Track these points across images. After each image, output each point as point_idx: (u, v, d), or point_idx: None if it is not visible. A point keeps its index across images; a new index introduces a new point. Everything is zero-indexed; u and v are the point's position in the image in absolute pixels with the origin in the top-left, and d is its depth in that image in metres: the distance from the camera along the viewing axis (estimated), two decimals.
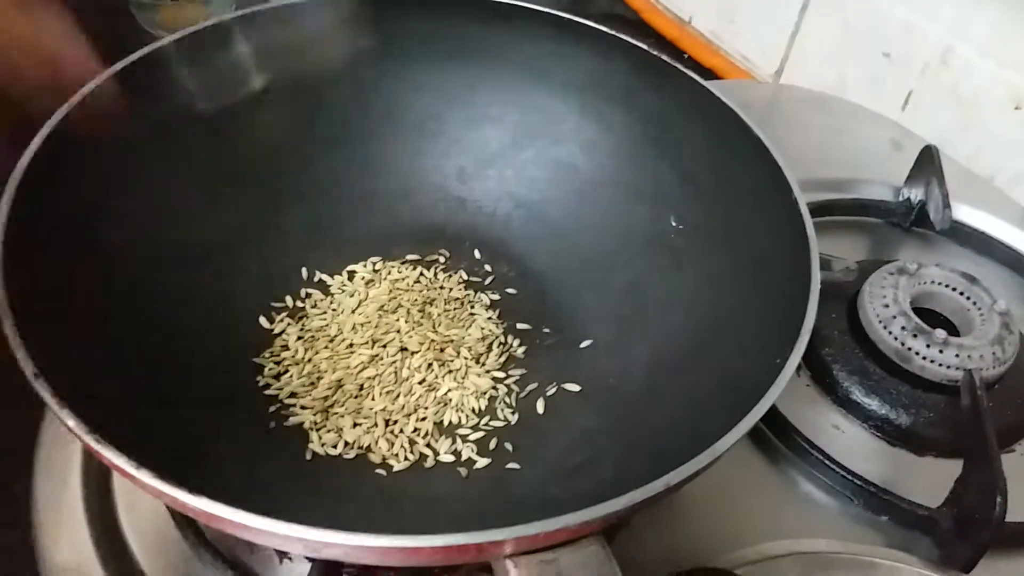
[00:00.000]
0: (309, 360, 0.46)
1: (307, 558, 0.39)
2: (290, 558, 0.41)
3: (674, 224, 0.48)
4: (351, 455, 0.42)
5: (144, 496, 0.29)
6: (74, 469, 0.44)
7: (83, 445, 0.30)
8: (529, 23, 0.51)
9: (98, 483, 0.44)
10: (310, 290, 0.50)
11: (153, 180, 0.45)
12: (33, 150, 0.38)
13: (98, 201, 0.41)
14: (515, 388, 0.46)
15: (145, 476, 0.28)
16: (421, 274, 0.51)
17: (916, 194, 0.62)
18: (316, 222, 0.52)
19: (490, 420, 0.45)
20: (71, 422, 0.30)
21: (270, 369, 0.45)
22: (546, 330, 0.49)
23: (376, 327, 0.47)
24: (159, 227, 0.45)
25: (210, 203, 0.47)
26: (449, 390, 0.45)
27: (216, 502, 0.28)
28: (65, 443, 0.45)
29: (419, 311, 0.49)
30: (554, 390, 0.46)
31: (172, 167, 0.46)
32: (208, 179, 0.48)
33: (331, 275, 0.50)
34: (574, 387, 0.46)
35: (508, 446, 0.43)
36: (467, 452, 0.43)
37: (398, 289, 0.50)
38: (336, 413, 0.44)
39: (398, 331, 0.47)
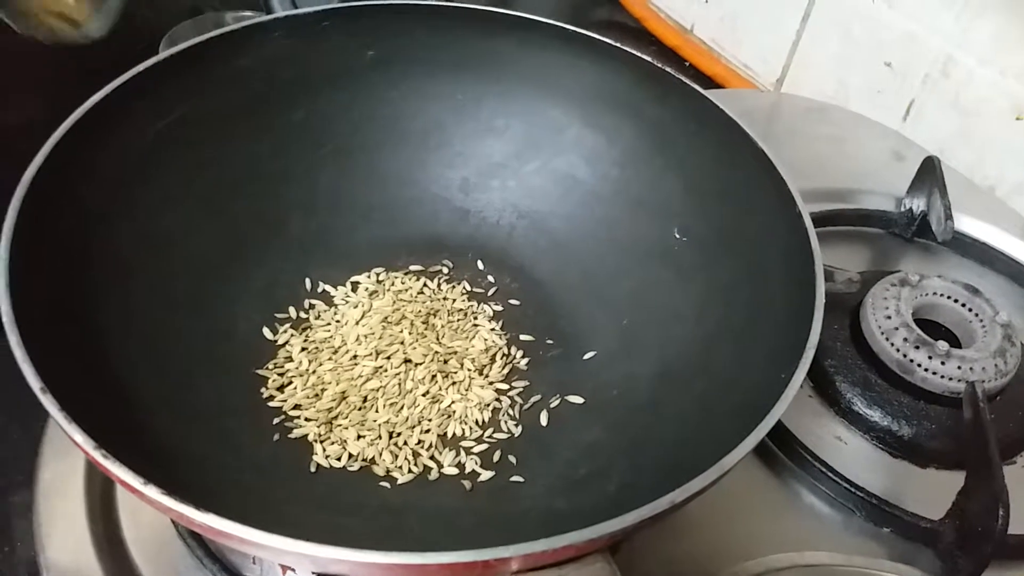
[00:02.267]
0: (313, 372, 0.46)
1: (312, 572, 0.39)
2: (294, 570, 0.41)
3: (677, 236, 0.48)
4: (355, 467, 0.42)
5: (147, 507, 0.29)
6: (77, 480, 0.44)
7: (88, 458, 0.30)
8: (533, 35, 0.51)
9: (101, 494, 0.44)
10: (313, 301, 0.50)
11: (156, 192, 0.45)
12: (36, 165, 0.38)
13: (101, 215, 0.42)
14: (518, 400, 0.46)
15: (152, 492, 0.29)
16: (424, 285, 0.51)
17: (918, 205, 0.62)
18: (319, 232, 0.52)
19: (494, 432, 0.45)
20: (78, 437, 0.30)
21: (273, 381, 0.45)
22: (549, 341, 0.49)
23: (380, 338, 0.47)
24: (162, 238, 0.45)
25: (214, 213, 0.48)
26: (453, 402, 0.45)
27: (223, 518, 0.28)
28: (68, 454, 0.45)
29: (423, 322, 0.49)
30: (557, 402, 0.46)
31: (175, 178, 0.46)
32: (212, 189, 0.48)
33: (334, 286, 0.51)
34: (577, 399, 0.46)
35: (512, 459, 0.43)
36: (471, 465, 0.43)
37: (401, 300, 0.50)
38: (340, 425, 0.44)
39: (402, 343, 0.47)
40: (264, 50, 0.49)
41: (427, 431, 0.44)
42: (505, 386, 0.47)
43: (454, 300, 0.50)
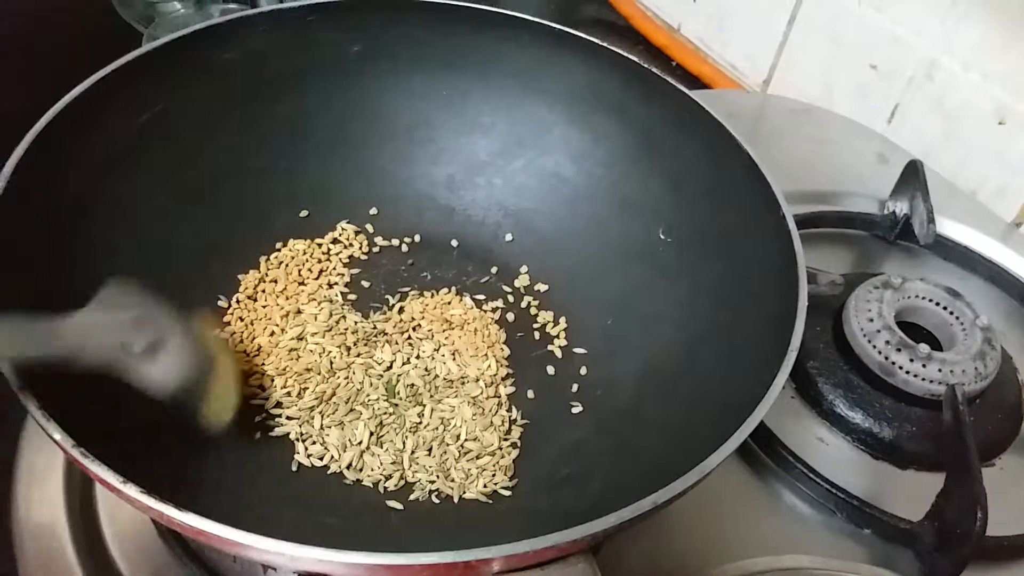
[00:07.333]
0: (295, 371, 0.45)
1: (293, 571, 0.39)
2: (274, 569, 0.40)
3: (663, 236, 0.48)
4: (337, 467, 0.42)
5: (127, 505, 0.29)
6: (56, 478, 0.44)
7: (67, 457, 0.30)
8: (520, 32, 0.51)
9: (80, 492, 0.44)
10: None
11: (139, 184, 0.45)
12: (18, 156, 0.38)
13: (83, 207, 0.41)
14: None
15: (132, 491, 0.28)
16: (408, 283, 0.51)
17: (901, 208, 0.63)
18: (302, 227, 0.51)
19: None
20: (57, 435, 0.29)
21: (255, 378, 0.45)
22: (535, 340, 0.49)
23: (364, 337, 0.47)
24: (145, 232, 0.44)
25: (197, 207, 0.47)
26: (437, 402, 0.45)
27: (204, 518, 0.28)
28: (46, 451, 0.45)
29: (406, 322, 0.49)
30: None
31: (159, 171, 0.46)
32: (195, 183, 0.48)
33: None
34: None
35: None
36: None
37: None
38: (323, 424, 0.43)
39: (386, 342, 0.47)
40: (249, 44, 0.49)
41: (410, 431, 0.44)
42: (489, 386, 0.47)
43: (438, 299, 0.50)
